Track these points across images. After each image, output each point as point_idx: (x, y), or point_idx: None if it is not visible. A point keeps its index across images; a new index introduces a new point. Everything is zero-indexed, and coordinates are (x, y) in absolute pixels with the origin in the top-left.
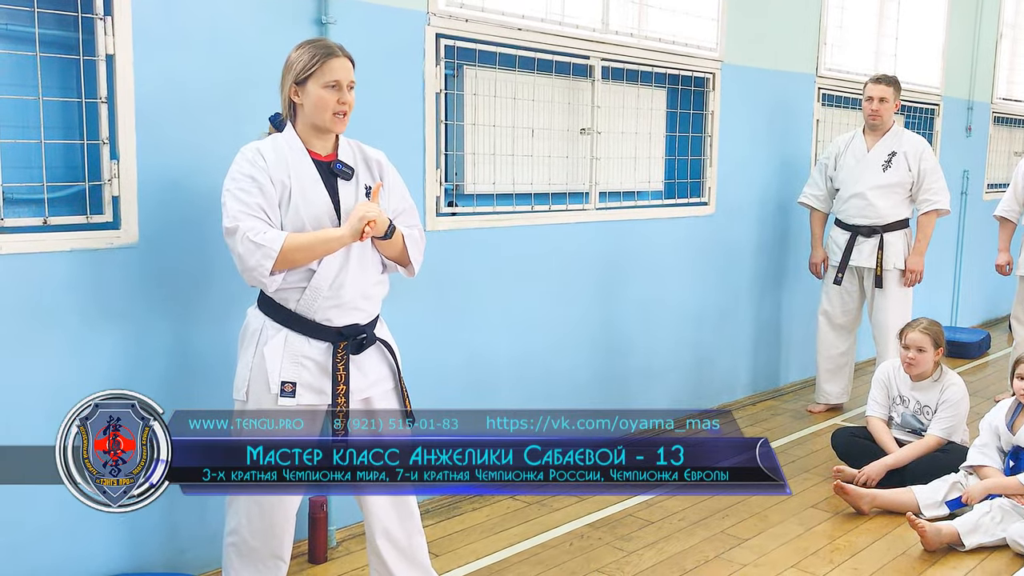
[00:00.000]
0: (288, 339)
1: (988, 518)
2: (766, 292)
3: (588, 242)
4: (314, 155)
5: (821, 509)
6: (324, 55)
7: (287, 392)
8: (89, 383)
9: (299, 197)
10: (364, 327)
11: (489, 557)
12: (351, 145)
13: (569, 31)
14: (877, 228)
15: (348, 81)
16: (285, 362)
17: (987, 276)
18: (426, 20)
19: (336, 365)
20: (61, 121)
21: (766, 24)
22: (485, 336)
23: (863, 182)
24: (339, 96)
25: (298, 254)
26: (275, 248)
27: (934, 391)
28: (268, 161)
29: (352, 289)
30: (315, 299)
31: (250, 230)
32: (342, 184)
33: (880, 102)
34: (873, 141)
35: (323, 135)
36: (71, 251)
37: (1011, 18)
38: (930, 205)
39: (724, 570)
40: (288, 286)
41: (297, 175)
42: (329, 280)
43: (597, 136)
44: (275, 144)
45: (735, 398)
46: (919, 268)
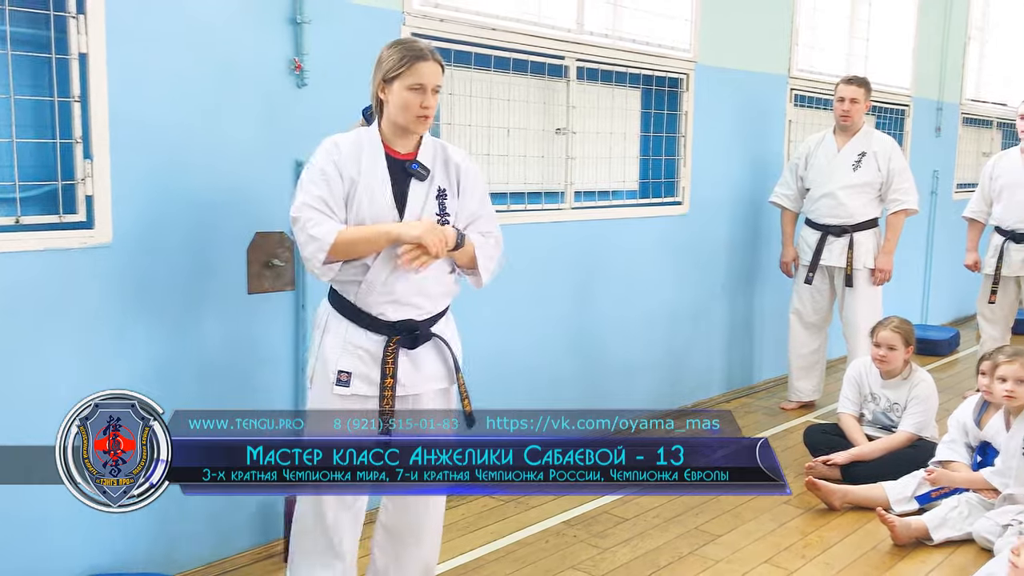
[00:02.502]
0: (348, 330)
1: (956, 513)
2: (739, 291)
3: (563, 241)
4: (393, 153)
5: (793, 505)
6: (413, 57)
7: (342, 381)
8: (61, 383)
9: (364, 193)
10: (420, 323)
11: (465, 555)
12: (435, 146)
13: (544, 31)
14: (847, 227)
15: (434, 85)
16: (344, 352)
17: (957, 275)
18: (401, 20)
19: (385, 358)
20: (34, 120)
21: (739, 25)
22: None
23: (833, 182)
24: (423, 99)
25: (352, 247)
26: (328, 241)
27: (904, 388)
28: (342, 154)
29: (407, 286)
30: (369, 293)
31: (308, 221)
32: (415, 184)
33: (851, 103)
34: (843, 141)
35: (405, 134)
36: (44, 250)
37: (979, 21)
38: (899, 205)
39: (698, 566)
40: (347, 279)
41: (367, 171)
42: (383, 276)
43: (572, 136)
44: (356, 138)
45: (709, 395)
46: (888, 267)
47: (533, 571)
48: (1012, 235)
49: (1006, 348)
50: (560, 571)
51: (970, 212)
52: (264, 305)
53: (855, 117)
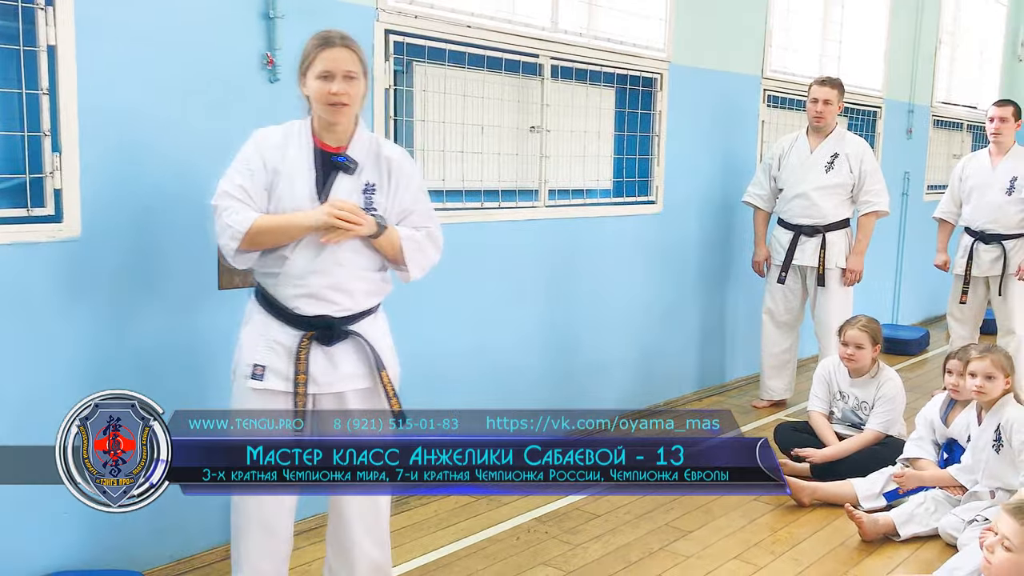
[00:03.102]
0: (267, 324)
1: (922, 509)
2: (712, 289)
3: (537, 239)
4: (323, 146)
5: (763, 502)
6: (319, 45)
7: (256, 374)
8: (30, 378)
9: (285, 185)
10: (336, 320)
11: (437, 551)
12: (370, 140)
13: (519, 29)
14: (819, 228)
15: (344, 71)
16: (259, 345)
17: (927, 275)
18: (375, 16)
19: (299, 354)
20: (2, 112)
21: (713, 26)
22: (434, 332)
23: (806, 182)
24: (331, 86)
25: (265, 236)
26: (241, 229)
27: (872, 387)
28: (269, 144)
29: (323, 280)
30: (285, 286)
31: (226, 209)
32: (342, 177)
33: (824, 104)
34: (816, 142)
35: (331, 127)
36: (11, 244)
37: (950, 24)
38: (870, 207)
39: (669, 562)
40: (266, 270)
41: (292, 162)
42: (299, 268)
43: (546, 134)
44: (287, 130)
45: (682, 393)
46: (859, 268)
47: (504, 567)
48: (981, 236)
49: (975, 346)
50: (531, 567)
51: (940, 213)
52: (234, 301)
53: (828, 118)
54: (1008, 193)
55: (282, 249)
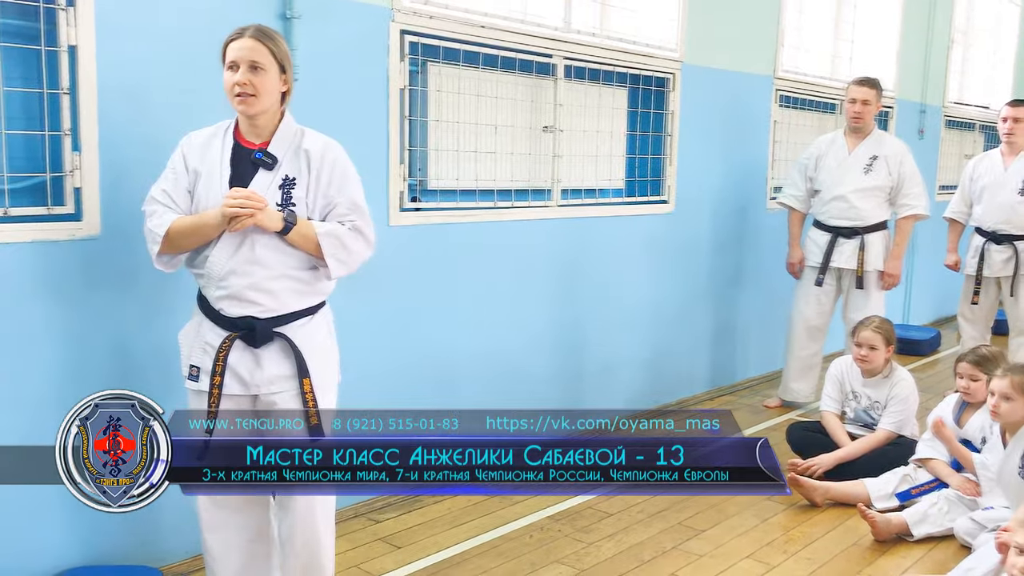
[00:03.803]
0: (201, 325)
1: (935, 509)
2: (724, 290)
3: (550, 238)
4: (246, 143)
5: (776, 501)
6: (228, 39)
7: (192, 375)
8: (54, 376)
9: (203, 185)
10: (261, 321)
11: (450, 549)
12: (292, 133)
13: (532, 30)
14: (858, 230)
15: (248, 61)
16: (194, 347)
17: (939, 276)
18: (391, 16)
19: (217, 355)
20: (23, 112)
21: (725, 26)
22: (446, 331)
23: (845, 184)
24: (235, 76)
25: (181, 238)
26: (159, 233)
27: (884, 387)
28: (192, 146)
29: (240, 281)
30: (209, 287)
31: (151, 215)
32: (261, 174)
33: (863, 104)
34: (855, 143)
35: (249, 121)
36: (32, 242)
37: (962, 24)
38: (909, 210)
39: (682, 560)
40: (195, 271)
41: (210, 162)
42: (217, 269)
43: (559, 134)
44: (213, 130)
45: (693, 393)
46: (897, 272)
47: (517, 565)
48: (992, 236)
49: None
50: (544, 565)
51: (950, 213)
52: None
53: (866, 119)
54: (1020, 193)
55: (205, 249)
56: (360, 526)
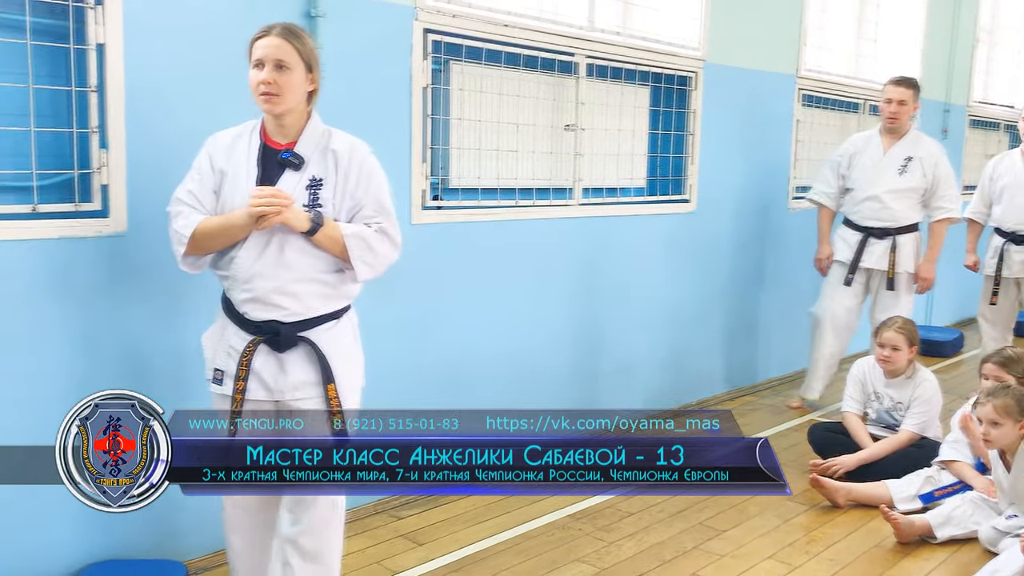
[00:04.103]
0: (226, 327)
1: (959, 511)
2: (745, 289)
3: (571, 237)
4: (272, 143)
5: (797, 502)
6: (254, 37)
7: (216, 379)
8: (77, 373)
9: (230, 185)
10: (286, 326)
11: (471, 546)
12: (321, 134)
13: (555, 28)
14: (890, 230)
15: (274, 59)
16: (218, 350)
17: (961, 277)
18: (414, 15)
19: (241, 360)
20: (51, 109)
21: (748, 25)
22: (466, 330)
23: (879, 184)
24: (260, 75)
25: (208, 239)
26: (186, 234)
27: (907, 388)
28: (218, 146)
29: (266, 283)
30: (235, 290)
31: (176, 216)
32: (288, 174)
33: (899, 104)
34: (890, 143)
35: (276, 121)
36: (59, 239)
37: (987, 23)
38: (943, 213)
39: (703, 560)
40: (220, 273)
41: (237, 162)
42: (244, 271)
43: (581, 132)
44: (239, 130)
45: (713, 393)
46: (931, 275)
47: (538, 563)
48: (1012, 237)
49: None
50: (565, 563)
51: (969, 213)
52: None
53: (902, 119)
54: None
55: (231, 250)
56: (381, 523)
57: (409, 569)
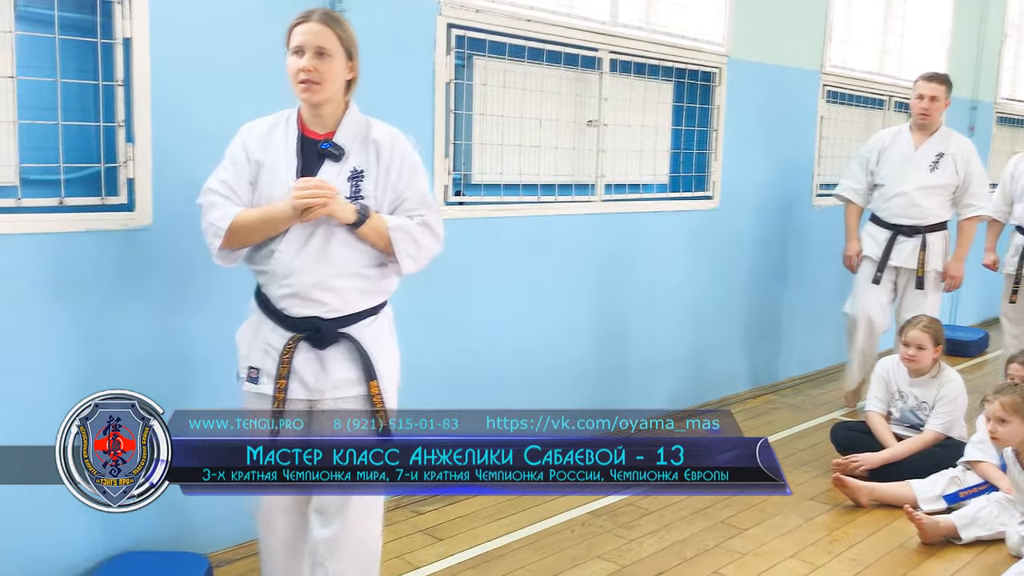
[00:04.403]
0: (261, 324)
1: (985, 512)
2: (768, 287)
3: (593, 233)
4: (310, 134)
5: (820, 501)
6: (294, 22)
7: (251, 377)
8: (105, 364)
9: (268, 176)
10: (326, 322)
11: (491, 542)
12: (360, 124)
13: (578, 23)
14: (919, 228)
15: (315, 46)
16: (254, 347)
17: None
18: (437, 9)
19: (281, 359)
20: (78, 103)
21: (772, 20)
22: (488, 326)
23: (909, 181)
24: (300, 62)
25: (246, 232)
26: (222, 227)
27: (932, 387)
28: (253, 136)
29: (306, 278)
30: (273, 285)
31: (210, 206)
32: (327, 165)
33: (931, 100)
34: (921, 140)
35: (313, 110)
36: (85, 232)
37: (1016, 19)
38: (973, 211)
39: (724, 559)
40: (257, 267)
41: (275, 153)
42: (284, 265)
43: (604, 128)
44: (274, 120)
45: (735, 391)
46: (960, 274)
47: (558, 560)
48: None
49: None
50: (585, 560)
51: (990, 211)
52: None
53: (934, 116)
54: None
55: (270, 243)
56: (402, 517)
57: (429, 564)
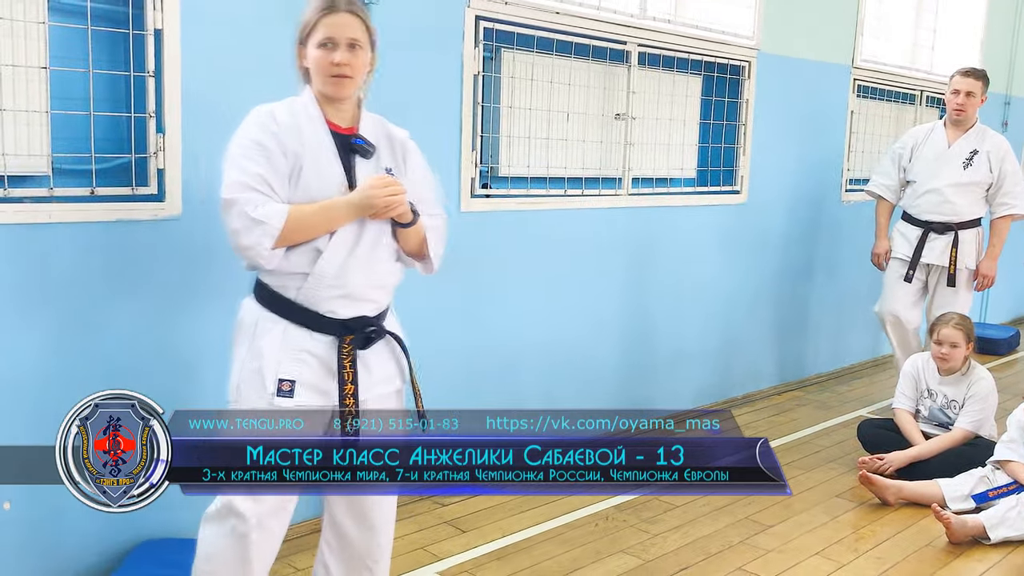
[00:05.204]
0: (287, 332)
1: (1014, 512)
2: (795, 283)
3: (619, 227)
4: (333, 126)
5: (846, 499)
6: (321, 9)
7: (284, 391)
8: (131, 352)
9: (311, 171)
10: (373, 320)
11: (515, 535)
12: (375, 120)
13: (606, 16)
14: (952, 225)
15: (347, 39)
16: (284, 358)
17: (1017, 274)
18: (466, 2)
19: (342, 362)
20: (109, 94)
21: (803, 13)
22: (513, 318)
23: (941, 178)
24: (334, 56)
25: (303, 231)
26: (276, 225)
27: (962, 385)
28: (281, 126)
29: (361, 277)
30: (318, 287)
31: (248, 203)
32: (360, 162)
33: (967, 96)
34: (955, 136)
35: (335, 104)
36: (116, 221)
37: None
38: (1008, 209)
39: (749, 555)
40: (289, 271)
41: (312, 145)
42: (336, 265)
43: (631, 122)
44: (292, 108)
45: (760, 387)
46: (992, 273)
47: (582, 553)
48: None
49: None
50: (609, 554)
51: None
52: None
53: (969, 112)
54: None
55: (316, 243)
56: (425, 509)
57: (453, 555)
